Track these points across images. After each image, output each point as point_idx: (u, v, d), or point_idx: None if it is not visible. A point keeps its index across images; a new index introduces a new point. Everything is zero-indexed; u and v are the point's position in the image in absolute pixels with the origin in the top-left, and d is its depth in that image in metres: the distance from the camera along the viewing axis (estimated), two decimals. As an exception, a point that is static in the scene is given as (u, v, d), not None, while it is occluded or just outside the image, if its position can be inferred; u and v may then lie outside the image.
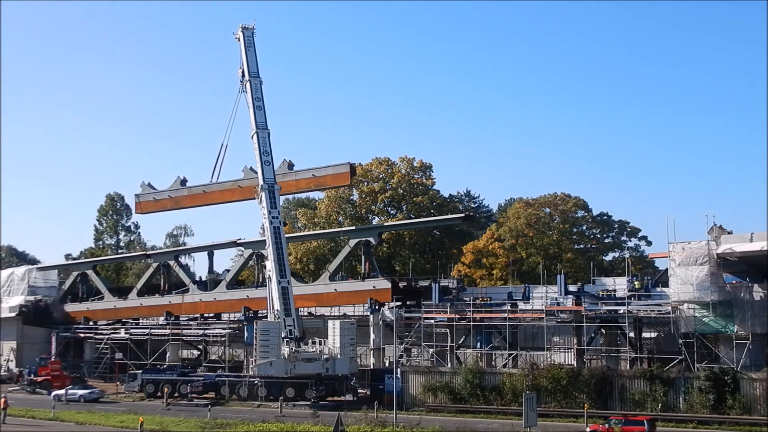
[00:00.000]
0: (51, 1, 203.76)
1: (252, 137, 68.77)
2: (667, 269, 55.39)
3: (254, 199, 70.23)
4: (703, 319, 51.66)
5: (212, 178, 73.31)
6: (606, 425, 44.77)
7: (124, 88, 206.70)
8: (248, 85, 69.29)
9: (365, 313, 71.08)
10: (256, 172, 70.41)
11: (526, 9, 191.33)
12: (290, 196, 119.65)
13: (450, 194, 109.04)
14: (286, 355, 62.67)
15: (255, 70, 70.14)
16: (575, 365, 55.76)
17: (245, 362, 72.45)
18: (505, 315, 60.18)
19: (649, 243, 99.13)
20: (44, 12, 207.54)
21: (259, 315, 76.44)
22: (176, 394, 66.72)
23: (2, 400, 56.06)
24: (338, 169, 72.75)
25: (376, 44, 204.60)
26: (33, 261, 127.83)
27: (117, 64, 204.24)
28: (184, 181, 79.78)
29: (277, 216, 66.41)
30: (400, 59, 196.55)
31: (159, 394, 66.01)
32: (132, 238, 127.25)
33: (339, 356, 62.52)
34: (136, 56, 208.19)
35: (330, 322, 65.75)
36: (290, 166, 73.77)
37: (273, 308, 64.77)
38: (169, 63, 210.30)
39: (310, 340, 65.68)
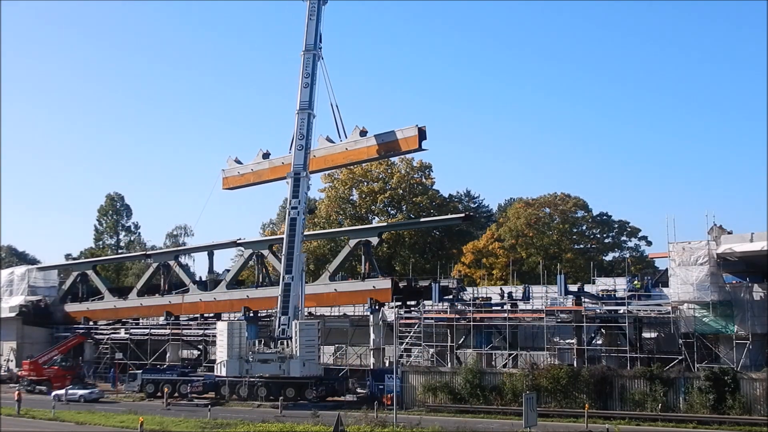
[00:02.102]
0: (51, 1, 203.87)
1: (295, 114, 67.00)
2: (667, 269, 55.33)
3: (331, 168, 69.14)
4: (703, 319, 51.56)
5: (290, 149, 70.61)
6: None
7: (127, 87, 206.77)
8: (302, 58, 66.75)
9: (365, 313, 71.04)
10: (332, 142, 69.00)
11: (527, 8, 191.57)
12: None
13: (450, 194, 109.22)
14: (250, 356, 63.05)
15: (311, 43, 67.37)
16: (575, 365, 55.76)
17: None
18: (505, 315, 60.21)
19: (649, 243, 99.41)
20: (44, 11, 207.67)
21: (259, 315, 76.61)
22: (176, 394, 66.75)
23: (17, 392, 60.72)
24: (407, 132, 67.77)
25: (375, 43, 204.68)
26: (33, 261, 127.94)
27: (118, 63, 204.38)
28: (266, 155, 76.78)
29: (295, 207, 65.70)
30: (399, 59, 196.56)
31: (159, 394, 66.05)
32: (132, 238, 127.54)
33: (294, 357, 61.92)
34: (135, 56, 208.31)
35: (293, 323, 65.36)
36: (362, 133, 70.03)
37: None
38: (183, 55, 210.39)
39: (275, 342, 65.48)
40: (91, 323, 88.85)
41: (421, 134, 66.92)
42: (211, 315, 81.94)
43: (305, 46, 67.17)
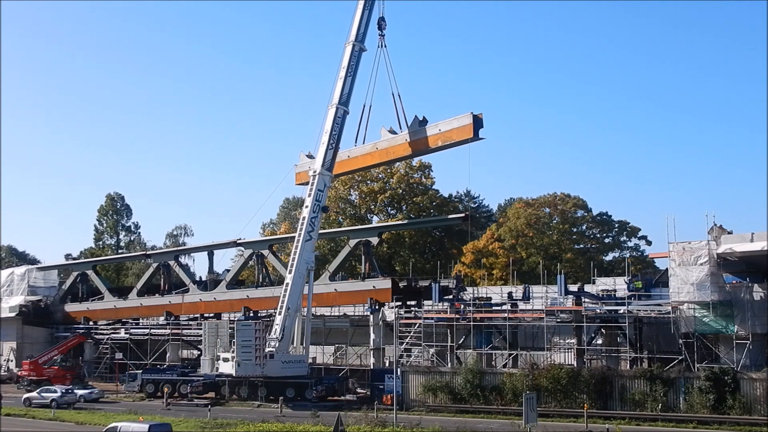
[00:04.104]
0: (52, 1, 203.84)
1: (328, 107, 65.18)
2: (667, 269, 55.35)
3: (393, 161, 68.52)
4: (703, 319, 51.59)
5: (356, 142, 68.16)
6: None
7: (126, 88, 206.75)
8: (345, 48, 64.86)
9: (365, 313, 71.05)
10: (395, 133, 66.99)
11: (527, 8, 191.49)
12: (290, 196, 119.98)
13: (450, 194, 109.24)
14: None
15: (355, 34, 65.04)
16: (575, 365, 55.80)
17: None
18: (505, 315, 60.22)
19: (649, 243, 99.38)
20: (45, 12, 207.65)
21: (259, 315, 76.58)
22: (176, 394, 66.75)
23: None
24: (462, 120, 63.04)
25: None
26: (33, 261, 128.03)
27: (118, 64, 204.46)
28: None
29: (307, 206, 65.33)
30: (397, 58, 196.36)
31: (159, 394, 66.06)
32: (132, 238, 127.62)
33: (236, 358, 62.31)
34: (135, 56, 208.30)
35: (235, 323, 65.36)
36: (422, 122, 66.29)
37: None
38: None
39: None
40: (91, 323, 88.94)
41: (477, 122, 62.27)
42: (211, 315, 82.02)
43: (348, 36, 65.29)
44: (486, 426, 49.27)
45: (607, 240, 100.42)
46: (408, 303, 67.19)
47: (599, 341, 59.66)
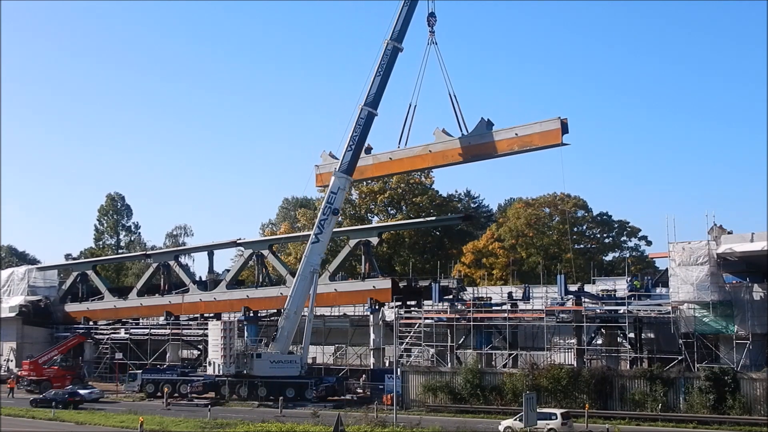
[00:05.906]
0: (52, 1, 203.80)
1: (357, 107, 63.05)
2: (667, 269, 55.37)
3: (447, 165, 65.37)
4: (703, 319, 51.62)
5: (399, 143, 65.25)
6: None
7: (126, 87, 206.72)
8: (381, 46, 62.57)
9: (365, 313, 71.06)
10: (451, 136, 64.04)
11: (527, 8, 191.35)
12: (290, 196, 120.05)
13: (449, 194, 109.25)
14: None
15: (395, 32, 62.62)
16: (575, 365, 55.82)
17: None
18: (505, 315, 60.24)
19: (649, 243, 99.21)
20: (45, 12, 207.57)
21: (260, 315, 76.64)
22: (176, 394, 66.80)
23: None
24: (547, 125, 60.28)
25: (373, 40, 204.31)
26: (33, 261, 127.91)
27: (118, 64, 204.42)
28: (368, 150, 67.86)
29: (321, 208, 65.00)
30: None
31: (159, 394, 66.11)
32: (132, 238, 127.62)
33: (208, 357, 63.45)
34: (135, 56, 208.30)
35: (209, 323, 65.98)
36: (489, 125, 63.04)
37: None
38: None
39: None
40: (91, 323, 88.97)
41: (564, 127, 59.96)
42: (211, 315, 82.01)
43: (388, 32, 62.72)
44: (486, 426, 49.29)
45: (607, 240, 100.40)
46: (408, 303, 67.22)
47: (599, 341, 59.69)
